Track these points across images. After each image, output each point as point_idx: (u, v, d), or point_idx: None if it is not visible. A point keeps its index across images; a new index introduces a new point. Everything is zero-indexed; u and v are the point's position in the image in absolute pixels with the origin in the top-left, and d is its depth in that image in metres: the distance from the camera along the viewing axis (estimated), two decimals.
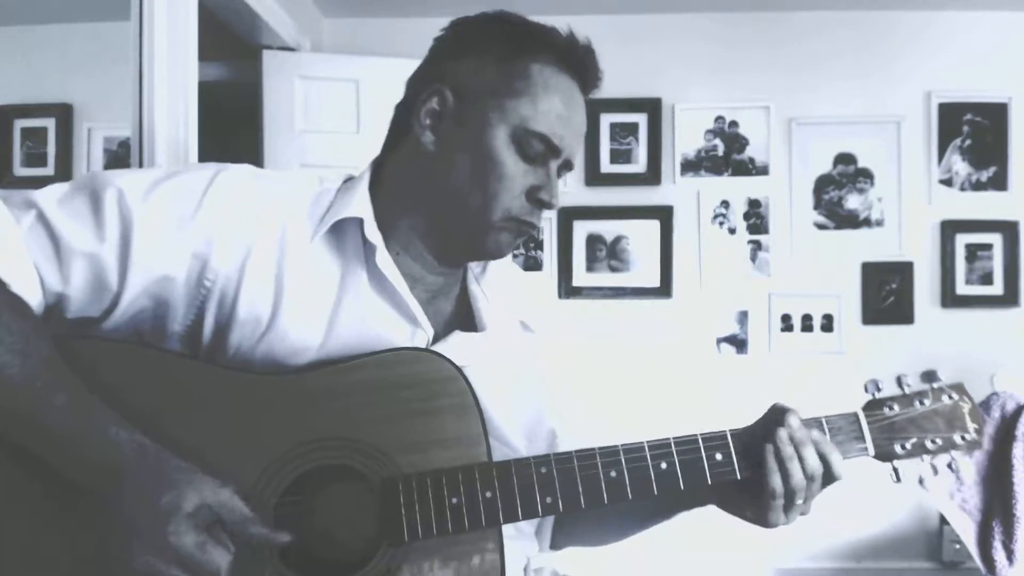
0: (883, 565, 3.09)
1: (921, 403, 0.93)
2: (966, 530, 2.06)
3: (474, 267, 1.04)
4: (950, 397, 0.94)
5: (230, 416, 0.84)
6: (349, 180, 0.99)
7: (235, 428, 0.83)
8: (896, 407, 0.93)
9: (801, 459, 0.88)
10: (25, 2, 2.01)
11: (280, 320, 0.89)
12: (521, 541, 0.99)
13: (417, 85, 0.97)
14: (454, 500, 0.83)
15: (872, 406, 0.93)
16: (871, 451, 0.91)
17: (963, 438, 0.93)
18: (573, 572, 1.14)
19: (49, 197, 0.86)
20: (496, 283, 1.03)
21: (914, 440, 0.92)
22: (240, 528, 0.77)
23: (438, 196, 0.94)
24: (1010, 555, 1.99)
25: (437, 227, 0.96)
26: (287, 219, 0.92)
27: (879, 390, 0.93)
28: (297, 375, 0.87)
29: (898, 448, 0.92)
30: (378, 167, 1.00)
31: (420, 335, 0.94)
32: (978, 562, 2.06)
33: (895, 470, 0.92)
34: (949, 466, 0.92)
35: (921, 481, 2.14)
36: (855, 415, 0.92)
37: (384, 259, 0.92)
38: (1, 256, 0.81)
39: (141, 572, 0.74)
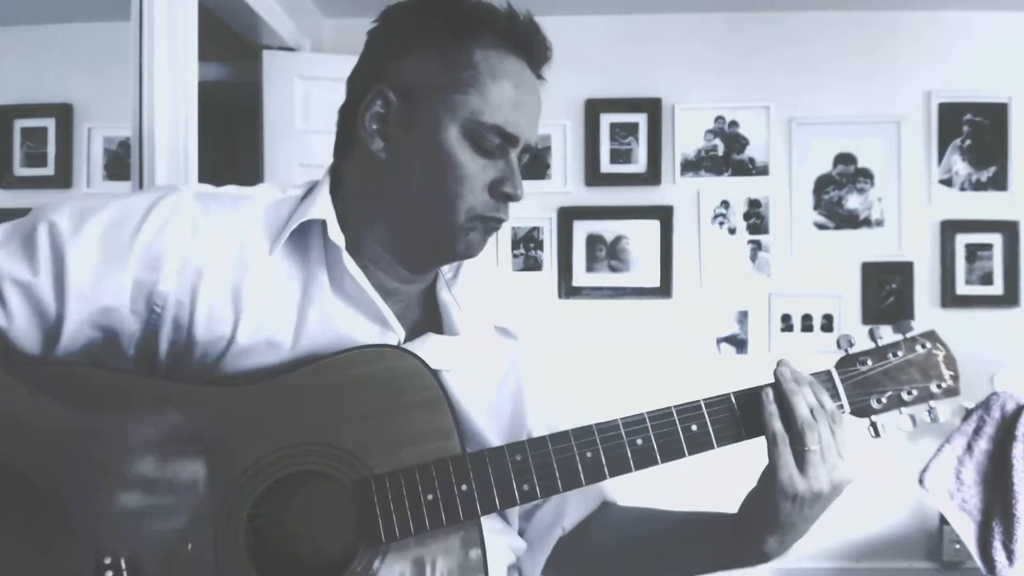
0: (883, 565, 3.09)
1: (894, 355, 0.91)
2: (966, 530, 2.06)
3: (445, 273, 1.00)
4: (923, 346, 0.92)
5: (195, 431, 0.81)
6: (312, 187, 0.96)
7: (200, 443, 0.80)
8: (869, 361, 0.91)
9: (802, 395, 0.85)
10: (25, 2, 2.01)
11: (240, 340, 0.86)
12: (507, 536, 0.97)
13: (358, 86, 0.93)
14: (429, 496, 0.82)
15: (845, 363, 0.91)
16: (847, 408, 0.89)
17: (939, 386, 0.91)
18: None
19: None
20: (470, 290, 0.99)
21: (890, 393, 0.90)
22: None
23: (398, 205, 0.91)
24: (1010, 555, 1.99)
25: (402, 236, 0.92)
26: (243, 236, 0.89)
27: (851, 345, 0.91)
28: (257, 383, 0.84)
29: (874, 403, 0.90)
30: (336, 172, 0.96)
31: (391, 337, 0.91)
32: (978, 562, 2.06)
33: (873, 425, 0.90)
34: (929, 414, 0.90)
35: (921, 481, 2.14)
36: (828, 373, 0.90)
37: (348, 260, 0.88)
38: None
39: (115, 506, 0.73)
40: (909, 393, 0.90)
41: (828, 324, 3.15)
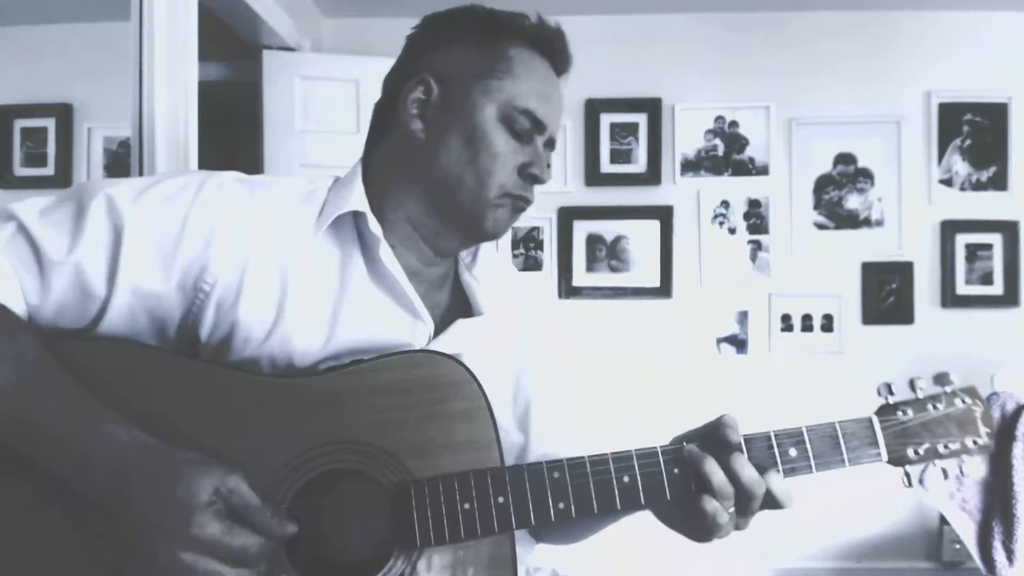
0: (883, 565, 3.09)
1: (934, 407, 0.91)
2: (966, 530, 2.06)
3: (464, 257, 1.06)
4: (963, 401, 0.92)
5: (239, 419, 0.82)
6: (338, 180, 1.00)
7: (244, 432, 0.81)
8: (910, 412, 0.91)
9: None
10: (25, 2, 2.01)
11: (284, 323, 0.88)
12: (519, 545, 0.99)
13: (397, 80, 1.00)
14: (466, 505, 0.83)
15: (885, 411, 0.91)
16: (884, 457, 0.90)
17: (975, 442, 0.91)
18: (572, 572, 1.14)
19: (30, 209, 0.86)
20: (488, 269, 1.06)
21: (927, 445, 0.90)
22: (247, 515, 0.76)
23: (433, 180, 0.96)
24: (1010, 555, 1.99)
25: (434, 213, 0.97)
26: (285, 221, 0.92)
27: (892, 393, 0.91)
28: (307, 378, 0.86)
29: (911, 453, 0.90)
30: (366, 163, 1.01)
31: (421, 328, 0.95)
32: (978, 562, 2.06)
33: (907, 474, 0.91)
34: (960, 469, 0.91)
35: (922, 481, 2.14)
36: (869, 420, 0.90)
37: (386, 252, 0.93)
38: None
39: (174, 571, 0.73)
40: (946, 447, 0.91)
41: (828, 324, 3.15)
